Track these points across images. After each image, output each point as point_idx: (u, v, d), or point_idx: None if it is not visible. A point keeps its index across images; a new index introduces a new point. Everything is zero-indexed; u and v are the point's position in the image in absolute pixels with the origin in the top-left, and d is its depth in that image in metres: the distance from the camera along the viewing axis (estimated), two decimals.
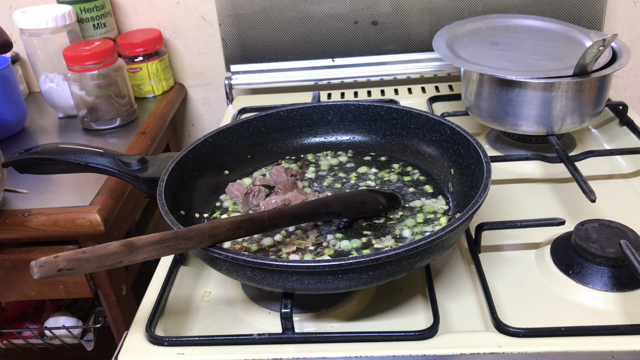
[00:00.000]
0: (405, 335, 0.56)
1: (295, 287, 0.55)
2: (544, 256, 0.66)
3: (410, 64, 1.14)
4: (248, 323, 0.63)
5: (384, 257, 0.52)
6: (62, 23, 1.04)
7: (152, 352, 0.58)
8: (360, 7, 1.11)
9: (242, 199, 0.72)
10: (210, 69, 1.25)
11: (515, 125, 0.84)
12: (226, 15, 1.13)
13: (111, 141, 1.02)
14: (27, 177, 0.79)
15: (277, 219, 0.59)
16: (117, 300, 0.91)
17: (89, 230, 0.82)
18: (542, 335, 0.56)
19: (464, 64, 0.85)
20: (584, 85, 0.80)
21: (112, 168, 0.72)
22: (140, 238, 0.52)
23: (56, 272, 0.47)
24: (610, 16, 1.15)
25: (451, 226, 0.55)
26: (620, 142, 0.91)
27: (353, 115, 0.82)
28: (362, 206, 0.67)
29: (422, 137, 0.77)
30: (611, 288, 0.61)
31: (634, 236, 0.63)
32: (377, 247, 0.63)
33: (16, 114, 1.05)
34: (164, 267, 0.70)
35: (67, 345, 1.04)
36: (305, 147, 0.83)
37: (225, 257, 0.54)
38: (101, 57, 1.00)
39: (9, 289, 0.88)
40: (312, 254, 0.63)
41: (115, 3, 1.18)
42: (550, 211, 0.76)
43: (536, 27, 0.97)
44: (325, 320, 0.61)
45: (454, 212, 0.68)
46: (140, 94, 1.18)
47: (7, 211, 0.83)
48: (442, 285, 0.65)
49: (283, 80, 1.16)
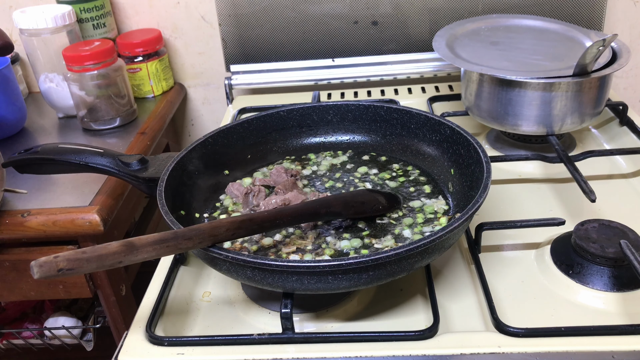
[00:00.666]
0: (405, 335, 0.56)
1: (295, 287, 0.55)
2: (544, 256, 0.66)
3: (410, 64, 1.14)
4: (248, 323, 0.63)
5: (384, 257, 0.52)
6: (61, 23, 1.04)
7: (152, 352, 0.58)
8: (360, 7, 1.11)
9: (242, 199, 0.72)
10: (210, 69, 1.25)
11: (515, 125, 0.84)
12: (226, 15, 1.13)
13: (111, 141, 1.02)
14: (27, 177, 0.79)
15: (277, 219, 0.59)
16: (117, 300, 0.91)
17: (89, 231, 0.82)
18: (542, 335, 0.56)
19: (464, 64, 0.85)
20: (584, 85, 0.80)
21: (112, 168, 0.72)
22: (140, 238, 0.51)
23: (56, 272, 0.47)
24: (610, 16, 1.15)
25: (451, 226, 0.55)
26: (620, 142, 0.91)
27: (353, 115, 0.82)
28: (362, 206, 0.66)
29: (422, 137, 0.77)
30: (611, 288, 0.61)
31: (634, 236, 0.63)
32: (377, 247, 0.63)
33: (16, 114, 1.05)
34: (164, 267, 0.70)
35: (66, 345, 1.04)
36: (305, 147, 0.83)
37: (225, 257, 0.54)
38: (101, 57, 1.00)
39: (9, 289, 0.88)
40: (312, 254, 0.63)
41: (115, 3, 1.18)
42: (550, 211, 0.76)
43: (536, 27, 0.97)
44: (325, 320, 0.61)
45: (454, 212, 0.68)
46: (140, 94, 1.18)
47: (7, 211, 0.83)
48: (442, 285, 0.65)
49: (283, 80, 1.16)
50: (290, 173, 0.75)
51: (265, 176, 0.78)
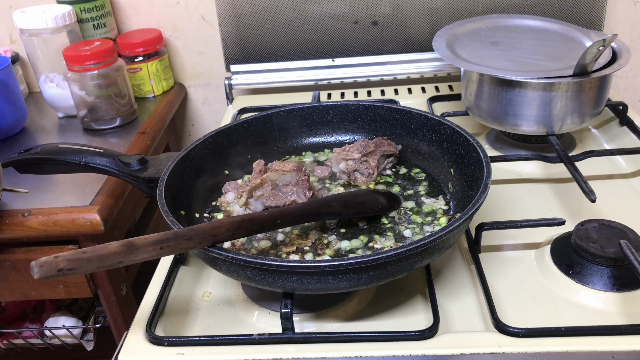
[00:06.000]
0: (405, 335, 0.56)
1: (295, 287, 0.55)
2: (544, 256, 0.67)
3: (410, 64, 1.14)
4: (248, 323, 0.63)
5: (384, 257, 0.52)
6: (62, 23, 1.05)
7: (152, 352, 0.58)
8: (360, 7, 1.12)
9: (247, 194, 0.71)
10: (210, 69, 1.25)
11: (515, 125, 0.84)
12: (226, 15, 1.13)
13: (111, 141, 1.02)
14: (27, 177, 0.79)
15: (277, 219, 0.59)
16: (117, 300, 0.91)
17: (89, 230, 0.82)
18: (542, 335, 0.56)
19: (464, 64, 0.85)
20: (584, 85, 0.80)
21: (112, 168, 0.72)
22: (141, 238, 0.52)
23: (56, 272, 0.47)
24: (610, 16, 1.15)
25: (451, 226, 0.55)
26: (620, 142, 0.91)
27: (353, 115, 0.82)
28: (362, 206, 0.67)
29: (422, 137, 0.77)
30: (611, 288, 0.61)
31: (634, 236, 0.63)
32: (377, 247, 0.63)
33: (16, 114, 1.05)
34: (164, 267, 0.70)
35: (67, 345, 1.04)
36: (305, 147, 0.83)
37: (225, 257, 0.54)
38: (101, 57, 1.01)
39: (9, 288, 0.88)
40: (312, 254, 0.63)
41: (115, 3, 1.18)
42: (550, 211, 0.76)
43: (536, 27, 0.97)
44: (325, 320, 0.61)
45: (454, 212, 0.69)
46: (140, 94, 1.18)
47: (7, 211, 0.83)
48: (442, 285, 0.65)
49: (283, 80, 1.16)
50: (304, 172, 0.75)
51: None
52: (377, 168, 0.75)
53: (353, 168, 0.75)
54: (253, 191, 0.69)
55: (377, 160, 0.75)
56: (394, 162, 0.78)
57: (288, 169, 0.68)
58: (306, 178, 0.68)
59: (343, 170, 0.76)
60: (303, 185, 0.68)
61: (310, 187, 0.69)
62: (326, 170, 0.78)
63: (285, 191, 0.68)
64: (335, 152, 0.77)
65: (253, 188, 0.68)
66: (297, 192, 0.68)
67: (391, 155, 0.78)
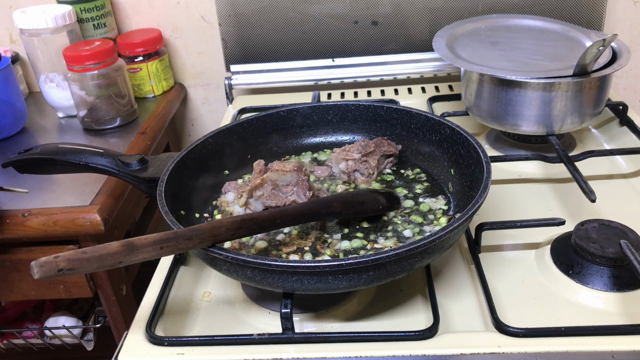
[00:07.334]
0: (405, 335, 0.56)
1: (295, 287, 0.55)
2: (544, 256, 0.67)
3: (410, 64, 1.14)
4: (248, 323, 0.63)
5: (384, 257, 0.52)
6: (62, 23, 1.05)
7: (152, 352, 0.58)
8: (360, 7, 1.12)
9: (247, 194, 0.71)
10: (210, 69, 1.25)
11: (515, 125, 0.84)
12: (226, 15, 1.13)
13: (111, 141, 1.02)
14: (27, 177, 0.79)
15: (277, 219, 0.59)
16: (117, 300, 0.91)
17: (89, 230, 0.82)
18: (542, 335, 0.56)
19: (464, 64, 0.85)
20: (584, 85, 0.80)
21: (112, 168, 0.72)
22: (141, 238, 0.52)
23: (56, 272, 0.47)
24: (610, 16, 1.15)
25: (451, 226, 0.55)
26: (620, 142, 0.91)
27: (353, 115, 0.82)
28: (362, 206, 0.67)
29: (422, 137, 0.77)
30: (611, 288, 0.61)
31: (634, 236, 0.63)
32: (377, 247, 0.63)
33: (16, 114, 1.05)
34: (164, 267, 0.70)
35: (67, 345, 1.04)
36: (305, 147, 0.83)
37: (225, 257, 0.54)
38: (101, 57, 1.01)
39: (9, 289, 0.88)
40: (312, 254, 0.63)
41: (115, 3, 1.18)
42: (550, 211, 0.76)
43: (536, 27, 0.97)
44: (325, 320, 0.61)
45: (454, 212, 0.69)
46: (140, 94, 1.18)
47: (7, 211, 0.83)
48: (442, 285, 0.65)
49: (283, 80, 1.16)
50: (304, 172, 0.75)
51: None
52: (377, 168, 0.76)
53: (353, 168, 0.75)
54: (253, 191, 0.69)
55: (377, 160, 0.75)
56: (394, 162, 0.78)
57: (288, 169, 0.68)
58: (306, 178, 0.68)
59: (343, 170, 0.76)
60: (303, 185, 0.68)
61: (310, 187, 0.69)
62: (326, 170, 0.78)
63: (285, 191, 0.68)
64: (335, 152, 0.77)
65: (253, 188, 0.68)
66: (297, 192, 0.68)
67: (391, 155, 0.78)
